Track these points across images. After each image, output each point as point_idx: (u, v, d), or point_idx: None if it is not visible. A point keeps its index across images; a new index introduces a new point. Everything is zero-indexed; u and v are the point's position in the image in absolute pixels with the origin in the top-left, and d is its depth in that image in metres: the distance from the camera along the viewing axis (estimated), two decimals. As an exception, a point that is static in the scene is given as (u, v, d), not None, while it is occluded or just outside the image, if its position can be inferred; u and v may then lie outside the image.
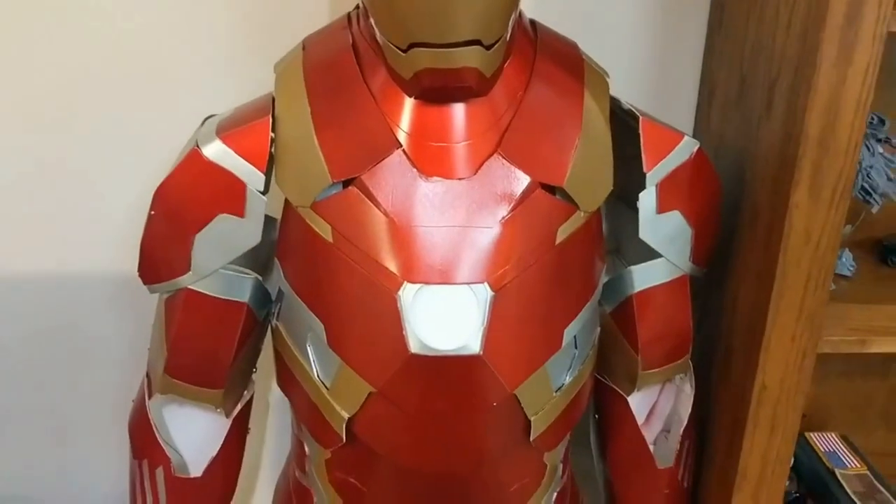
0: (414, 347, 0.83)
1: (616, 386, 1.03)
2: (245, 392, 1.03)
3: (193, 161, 0.88)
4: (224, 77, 1.16)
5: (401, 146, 0.84)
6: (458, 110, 0.84)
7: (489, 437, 0.89)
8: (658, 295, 0.96)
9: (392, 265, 0.83)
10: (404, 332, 0.82)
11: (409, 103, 0.84)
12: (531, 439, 0.91)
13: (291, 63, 0.90)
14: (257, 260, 0.94)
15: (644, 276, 0.95)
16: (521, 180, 0.85)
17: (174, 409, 1.00)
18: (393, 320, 0.83)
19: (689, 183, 0.93)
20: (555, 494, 1.02)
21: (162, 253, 0.92)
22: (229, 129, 0.88)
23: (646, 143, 0.90)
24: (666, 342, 0.99)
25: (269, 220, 0.91)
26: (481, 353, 0.83)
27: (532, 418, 0.89)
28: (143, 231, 0.92)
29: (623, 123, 0.92)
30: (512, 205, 0.84)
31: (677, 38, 1.21)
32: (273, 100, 0.89)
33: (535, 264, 0.85)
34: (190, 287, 0.91)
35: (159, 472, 1.00)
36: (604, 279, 0.97)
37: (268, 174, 0.88)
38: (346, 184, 0.85)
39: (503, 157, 0.85)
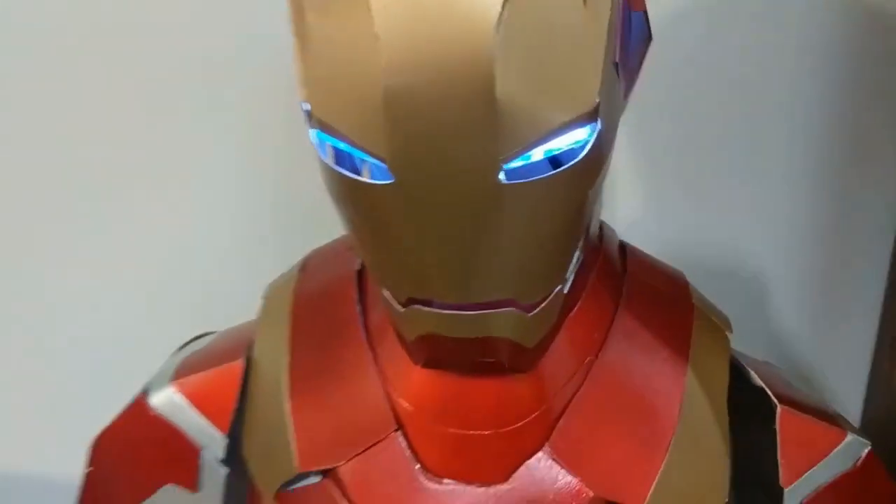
0: None
1: None
2: None
3: (137, 412, 0.66)
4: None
5: (399, 429, 0.58)
6: (489, 386, 0.57)
7: None
8: None
9: None
10: None
11: (419, 368, 0.58)
12: None
13: (282, 288, 0.67)
14: None
15: None
16: (578, 494, 0.56)
17: None
18: None
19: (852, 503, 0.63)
20: None
21: None
22: (189, 372, 0.66)
23: (785, 445, 0.60)
24: None
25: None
26: None
27: None
28: (79, 491, 0.71)
29: (753, 404, 0.62)
30: None
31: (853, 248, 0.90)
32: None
33: None
34: None
35: None
36: None
37: (234, 436, 0.64)
38: (325, 471, 0.60)
39: (552, 458, 0.57)
